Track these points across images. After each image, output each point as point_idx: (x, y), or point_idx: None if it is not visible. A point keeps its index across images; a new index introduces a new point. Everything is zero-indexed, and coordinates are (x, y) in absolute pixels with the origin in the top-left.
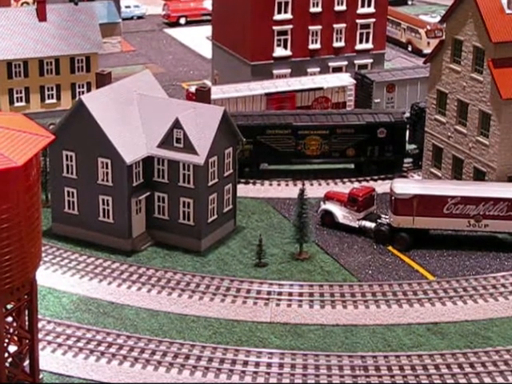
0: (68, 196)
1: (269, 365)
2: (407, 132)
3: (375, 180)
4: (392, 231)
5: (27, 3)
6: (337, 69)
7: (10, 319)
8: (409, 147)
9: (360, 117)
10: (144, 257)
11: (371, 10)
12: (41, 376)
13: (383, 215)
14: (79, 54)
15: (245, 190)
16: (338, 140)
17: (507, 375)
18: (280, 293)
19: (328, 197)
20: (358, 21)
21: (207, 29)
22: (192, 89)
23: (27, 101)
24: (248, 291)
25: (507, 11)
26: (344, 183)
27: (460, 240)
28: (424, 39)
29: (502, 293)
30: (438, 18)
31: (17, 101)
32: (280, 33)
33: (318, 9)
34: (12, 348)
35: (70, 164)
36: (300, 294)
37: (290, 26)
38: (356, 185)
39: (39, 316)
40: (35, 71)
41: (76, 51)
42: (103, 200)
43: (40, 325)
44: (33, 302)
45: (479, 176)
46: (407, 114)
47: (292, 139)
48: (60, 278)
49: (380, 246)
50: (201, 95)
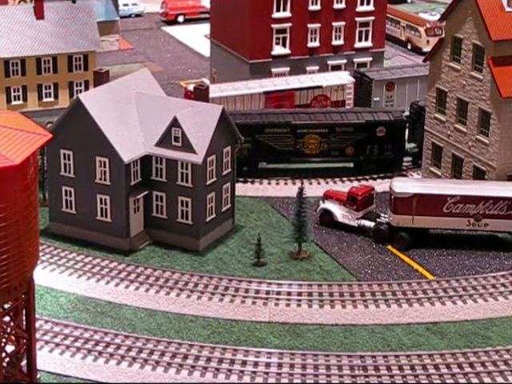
0: (66, 195)
1: (267, 365)
2: (407, 131)
3: (374, 179)
4: (391, 230)
5: (25, 1)
6: (336, 67)
7: (8, 319)
8: (408, 146)
9: (359, 115)
10: (142, 256)
11: (370, 8)
12: (38, 376)
13: (382, 214)
14: (77, 53)
15: (243, 189)
16: (337, 139)
17: (507, 375)
18: (279, 292)
19: (327, 196)
20: (357, 19)
21: (205, 27)
22: (190, 87)
23: (25, 99)
24: (246, 291)
25: (507, 9)
26: (343, 182)
27: (460, 239)
28: (423, 37)
29: (502, 292)
30: (438, 16)
31: (14, 99)
32: (279, 31)
33: (317, 7)
34: (9, 348)
35: (68, 163)
36: (299, 294)
37: (289, 24)
38: (355, 184)
39: (37, 315)
40: (33, 69)
41: (74, 49)
42: (101, 199)
43: (37, 324)
44: (30, 302)
45: (479, 175)
46: (407, 113)
47: (291, 138)
48: (58, 278)
49: (379, 246)
50: (199, 94)
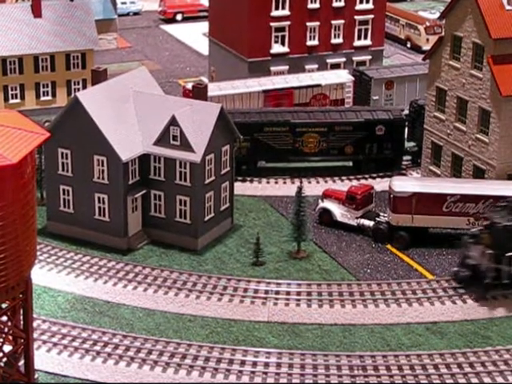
0: (63, 194)
1: (266, 364)
2: (406, 129)
3: (374, 178)
4: (391, 229)
5: None
6: (335, 65)
7: (5, 318)
8: (408, 145)
9: (358, 114)
10: (140, 255)
11: (370, 6)
12: (36, 376)
13: (382, 213)
14: (75, 51)
15: (242, 188)
16: (337, 137)
17: (507, 375)
18: (277, 292)
19: (326, 195)
20: (357, 17)
21: (204, 25)
22: (189, 86)
23: (22, 98)
24: (245, 290)
25: (507, 7)
26: (342, 181)
27: (459, 238)
28: (423, 36)
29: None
30: (437, 14)
31: (12, 98)
32: (277, 29)
33: (316, 5)
34: (7, 347)
35: (66, 162)
36: (298, 293)
37: (288, 23)
38: (354, 183)
39: (34, 315)
40: (30, 68)
41: (71, 48)
42: (99, 198)
43: (35, 324)
44: (28, 301)
45: (479, 174)
46: (406, 112)
47: (290, 137)
48: (55, 277)
49: (378, 245)
50: (197, 92)
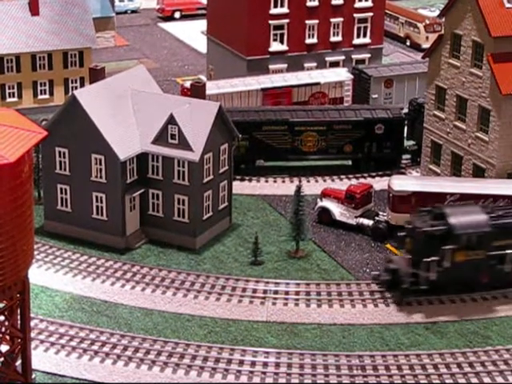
0: (61, 193)
1: (265, 364)
2: (405, 128)
3: (373, 177)
4: (390, 229)
5: None
6: (334, 64)
7: (2, 318)
8: (407, 143)
9: (357, 112)
10: (138, 255)
11: (369, 4)
12: (33, 376)
13: (381, 212)
14: (72, 49)
15: (240, 187)
16: (335, 136)
17: (507, 375)
18: (276, 291)
19: (325, 194)
20: (356, 15)
21: (202, 23)
22: (187, 84)
23: (19, 96)
24: (244, 290)
25: (507, 5)
26: (341, 180)
27: None
28: (422, 34)
29: (502, 291)
30: (437, 12)
31: (9, 96)
32: (276, 27)
33: (315, 3)
34: (4, 347)
35: (63, 160)
36: (296, 293)
37: (287, 21)
38: (353, 182)
39: (32, 315)
40: (27, 66)
41: (69, 46)
42: (96, 197)
43: (32, 324)
44: (25, 301)
45: (478, 173)
46: (405, 110)
47: (288, 135)
48: (53, 277)
49: (378, 244)
50: (196, 90)
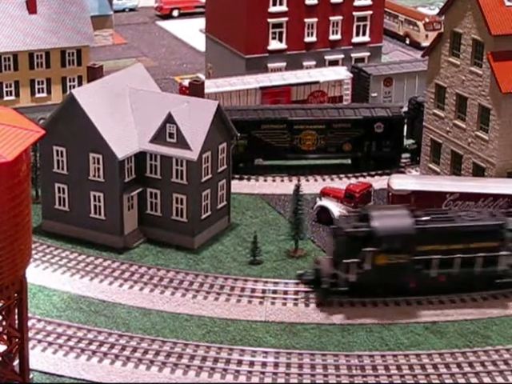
0: (58, 192)
1: (264, 364)
2: (405, 127)
3: (372, 176)
4: None
5: None
6: (333, 62)
7: (0, 318)
8: (407, 142)
9: (357, 111)
10: (136, 254)
11: (368, 2)
12: (31, 376)
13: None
14: (70, 47)
15: (239, 186)
16: (335, 135)
17: (507, 375)
18: (275, 291)
19: (324, 193)
20: (355, 13)
21: (200, 21)
22: (185, 82)
23: (17, 95)
24: (242, 289)
25: (507, 3)
26: (340, 179)
27: None
28: (422, 32)
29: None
30: (437, 11)
31: (6, 95)
32: (275, 25)
33: (314, 1)
34: (1, 347)
35: (61, 159)
36: (295, 293)
37: (286, 19)
38: (353, 181)
39: (29, 314)
40: (25, 64)
41: (67, 44)
42: (94, 196)
43: (30, 323)
44: (23, 301)
45: (478, 172)
46: (405, 109)
47: (287, 134)
48: (50, 276)
49: None
50: (194, 89)
